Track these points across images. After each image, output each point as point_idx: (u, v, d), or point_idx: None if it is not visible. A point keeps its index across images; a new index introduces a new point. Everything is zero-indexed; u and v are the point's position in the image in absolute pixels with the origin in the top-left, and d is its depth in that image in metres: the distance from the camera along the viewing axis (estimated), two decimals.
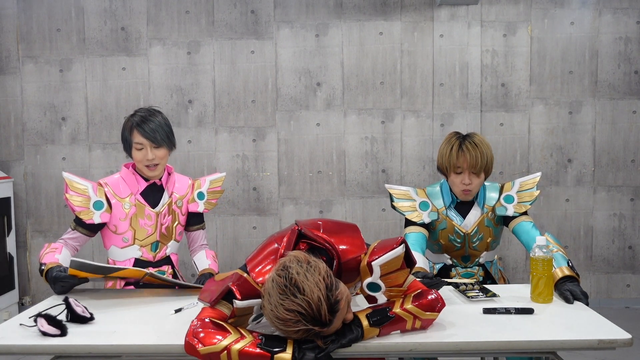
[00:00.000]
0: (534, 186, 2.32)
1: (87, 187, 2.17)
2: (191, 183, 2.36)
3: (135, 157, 2.18)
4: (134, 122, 2.18)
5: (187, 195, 2.33)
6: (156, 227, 2.24)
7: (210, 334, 1.44)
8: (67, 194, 2.16)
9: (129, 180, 2.23)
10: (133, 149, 2.18)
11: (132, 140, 2.17)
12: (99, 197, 2.17)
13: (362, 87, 4.25)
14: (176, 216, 2.29)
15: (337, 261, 1.55)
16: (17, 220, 4.28)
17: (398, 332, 1.56)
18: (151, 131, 2.15)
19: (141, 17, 4.21)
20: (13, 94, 4.26)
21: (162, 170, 2.23)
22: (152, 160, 2.17)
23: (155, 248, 2.25)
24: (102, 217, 2.17)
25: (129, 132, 2.18)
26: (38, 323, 1.59)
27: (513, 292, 1.98)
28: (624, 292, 4.34)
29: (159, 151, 2.18)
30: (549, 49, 4.24)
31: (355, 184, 4.28)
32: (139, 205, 2.21)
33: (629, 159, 4.28)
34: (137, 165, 2.21)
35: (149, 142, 2.15)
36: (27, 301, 4.32)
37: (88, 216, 2.15)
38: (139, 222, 2.21)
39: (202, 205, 2.35)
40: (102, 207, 2.17)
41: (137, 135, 2.16)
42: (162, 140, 2.17)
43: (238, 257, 4.24)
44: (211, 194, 2.38)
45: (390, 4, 4.21)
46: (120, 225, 2.20)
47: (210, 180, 2.40)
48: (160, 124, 2.18)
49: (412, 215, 2.29)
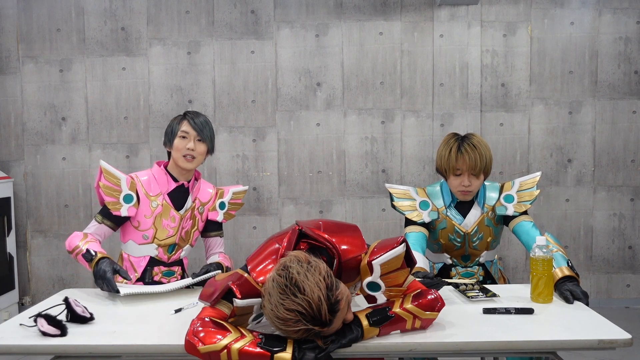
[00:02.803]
0: (534, 186, 2.32)
1: (121, 179, 2.19)
2: (215, 192, 2.38)
3: (177, 145, 2.20)
4: (186, 114, 2.25)
5: (209, 203, 2.34)
6: (178, 230, 2.25)
7: (210, 333, 1.44)
8: (101, 182, 2.17)
9: (160, 178, 2.25)
10: (177, 137, 2.21)
11: (178, 129, 2.21)
12: (130, 191, 2.19)
13: (362, 87, 4.25)
14: (196, 222, 2.31)
15: (337, 261, 1.56)
16: (17, 220, 4.28)
17: (398, 332, 1.56)
18: (200, 124, 2.22)
19: (141, 17, 4.21)
20: (13, 94, 4.26)
21: (196, 165, 2.25)
22: (192, 151, 2.19)
23: (172, 250, 2.27)
24: (130, 211, 2.18)
25: (177, 122, 2.24)
26: (38, 323, 1.59)
27: (513, 292, 1.98)
28: (624, 292, 4.34)
29: (200, 145, 2.23)
30: (549, 49, 4.24)
31: (355, 184, 4.28)
32: (166, 206, 2.23)
33: (629, 159, 4.28)
34: (175, 155, 2.22)
35: (195, 132, 2.21)
36: (27, 301, 4.32)
37: (116, 208, 2.16)
38: (162, 222, 2.22)
39: (221, 215, 2.36)
40: (131, 201, 2.18)
41: (185, 124, 2.22)
42: (207, 136, 2.24)
43: (238, 257, 4.24)
44: (232, 205, 2.40)
45: (390, 4, 4.21)
46: (144, 222, 2.21)
47: (233, 192, 2.41)
48: (209, 123, 2.28)
49: (412, 214, 2.29)
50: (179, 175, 2.27)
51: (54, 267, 4.30)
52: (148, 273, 2.25)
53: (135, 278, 2.23)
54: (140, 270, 2.24)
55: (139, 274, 2.23)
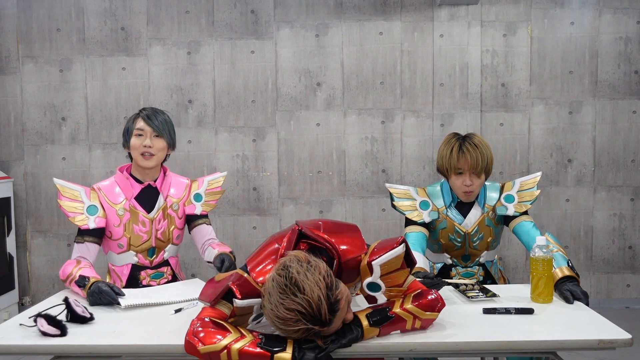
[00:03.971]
0: (534, 186, 2.32)
1: (80, 192, 2.15)
2: (188, 184, 2.32)
3: (133, 144, 2.16)
4: (140, 111, 2.21)
5: (183, 198, 2.28)
6: (151, 234, 2.20)
7: (210, 333, 1.44)
8: (60, 200, 2.14)
9: (123, 184, 2.20)
10: (133, 136, 2.16)
11: (133, 128, 2.17)
12: (92, 202, 2.15)
13: (362, 87, 4.25)
14: (172, 220, 2.25)
15: (337, 261, 1.56)
16: (17, 220, 4.28)
17: (398, 332, 1.56)
18: (154, 119, 2.17)
19: (141, 17, 4.21)
20: (13, 94, 4.26)
21: (157, 163, 2.19)
22: (149, 148, 2.14)
23: (152, 254, 2.22)
24: (97, 221, 2.13)
25: (132, 121, 2.19)
26: (38, 323, 1.59)
27: (513, 292, 1.98)
28: (624, 292, 4.33)
29: (158, 141, 2.17)
30: (549, 49, 4.24)
31: (355, 184, 4.28)
32: (133, 211, 2.17)
33: (629, 159, 4.28)
34: (133, 155, 2.17)
35: (150, 129, 2.15)
36: (27, 301, 4.32)
37: (82, 222, 2.12)
38: (134, 229, 2.17)
39: (199, 207, 2.29)
40: (96, 212, 2.14)
41: (140, 121, 2.17)
42: (163, 130, 2.18)
43: (238, 257, 4.23)
44: (210, 195, 2.33)
45: (390, 4, 4.21)
46: (115, 232, 2.17)
47: (209, 181, 2.35)
48: (165, 118, 2.22)
49: (412, 214, 2.29)
50: (142, 176, 2.21)
51: (54, 267, 4.30)
52: (135, 279, 2.21)
53: (121, 287, 2.17)
54: (125, 279, 2.20)
55: (124, 282, 2.20)
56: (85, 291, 1.90)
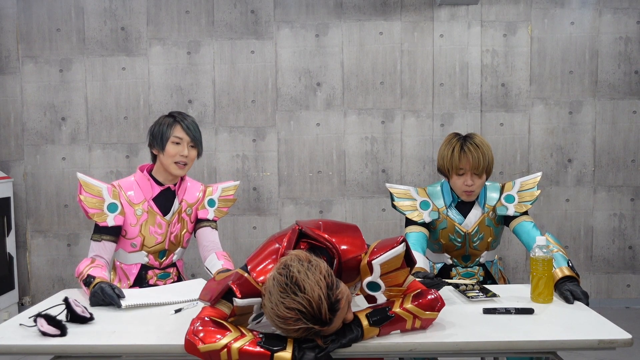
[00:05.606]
0: (534, 186, 2.32)
1: (102, 189, 2.15)
2: (203, 189, 2.33)
3: (169, 151, 2.14)
4: (175, 116, 2.19)
5: (197, 203, 2.29)
6: (165, 236, 2.21)
7: (210, 332, 1.44)
8: (81, 195, 2.12)
9: (143, 185, 2.20)
10: (169, 143, 2.14)
11: (171, 135, 2.15)
12: (113, 200, 2.14)
13: (362, 87, 4.25)
14: (185, 224, 2.26)
15: (337, 261, 1.56)
16: (17, 220, 4.28)
17: (398, 331, 1.56)
18: (193, 129, 2.18)
19: (141, 17, 4.21)
20: (13, 94, 4.26)
21: (187, 171, 2.21)
22: (185, 157, 2.16)
23: (163, 256, 2.23)
24: (116, 219, 2.13)
25: (168, 126, 2.16)
26: (38, 323, 1.59)
27: (513, 292, 1.98)
28: (624, 292, 4.33)
29: (193, 151, 2.20)
30: (549, 49, 4.24)
31: (355, 184, 4.28)
32: (151, 213, 2.18)
33: (629, 159, 4.28)
34: (165, 161, 2.16)
35: (189, 138, 2.17)
36: (27, 301, 4.32)
37: (101, 218, 2.11)
38: (149, 230, 2.18)
39: (212, 213, 2.30)
40: (116, 210, 2.14)
41: (179, 130, 2.16)
42: (198, 141, 2.20)
43: (238, 257, 4.24)
44: (222, 202, 2.35)
45: (390, 4, 4.21)
46: (130, 231, 2.17)
47: (223, 188, 2.36)
48: (197, 125, 2.23)
49: (412, 214, 2.29)
50: (165, 179, 2.21)
51: (54, 267, 4.30)
52: (142, 279, 2.21)
53: (128, 285, 2.19)
54: (133, 278, 2.20)
55: (131, 281, 2.20)
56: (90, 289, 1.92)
